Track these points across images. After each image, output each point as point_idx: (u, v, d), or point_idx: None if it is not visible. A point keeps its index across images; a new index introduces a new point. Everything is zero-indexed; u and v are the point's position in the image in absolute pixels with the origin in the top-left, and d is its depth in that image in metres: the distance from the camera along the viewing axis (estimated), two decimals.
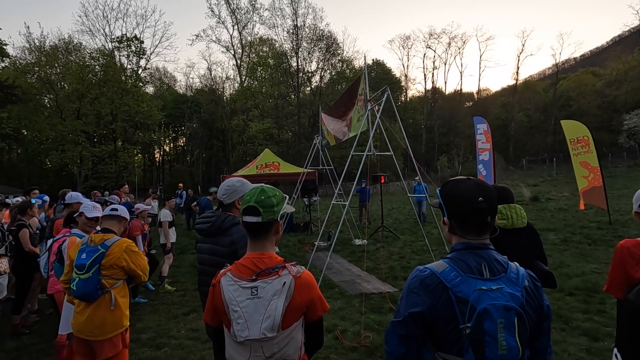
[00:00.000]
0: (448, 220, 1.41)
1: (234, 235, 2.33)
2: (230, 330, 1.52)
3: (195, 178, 41.82)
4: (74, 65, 33.92)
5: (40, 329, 5.36)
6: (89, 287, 2.73)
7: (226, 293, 1.51)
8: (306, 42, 40.25)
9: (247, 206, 1.62)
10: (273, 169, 13.93)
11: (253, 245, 1.66)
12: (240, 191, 2.40)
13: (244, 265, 1.59)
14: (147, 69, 42.07)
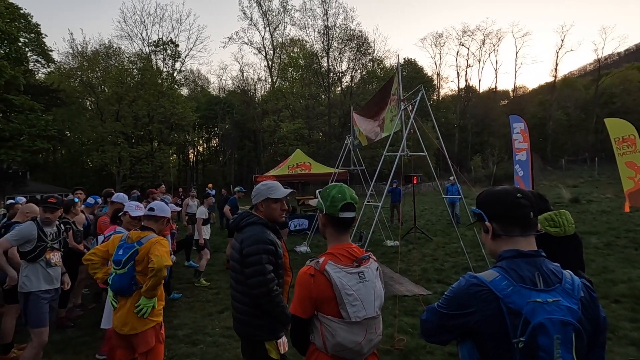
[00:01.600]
0: (489, 224, 1.35)
1: (245, 234, 2.38)
2: (343, 314, 1.67)
3: (228, 178, 42.59)
4: (113, 69, 35.36)
5: (83, 322, 5.59)
6: (124, 282, 2.88)
7: (337, 279, 1.67)
8: (337, 42, 40.26)
9: (346, 203, 1.82)
10: (304, 169, 14.00)
11: (340, 237, 1.87)
12: (263, 195, 2.47)
13: (341, 254, 1.78)
14: (182, 72, 43.34)
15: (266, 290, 2.24)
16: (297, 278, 1.79)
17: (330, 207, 1.84)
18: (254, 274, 2.25)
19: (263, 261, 2.26)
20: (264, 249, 2.29)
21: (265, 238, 2.32)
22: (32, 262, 3.62)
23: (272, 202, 2.47)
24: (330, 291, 1.67)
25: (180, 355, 4.35)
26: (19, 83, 25.07)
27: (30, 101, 25.53)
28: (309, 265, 1.78)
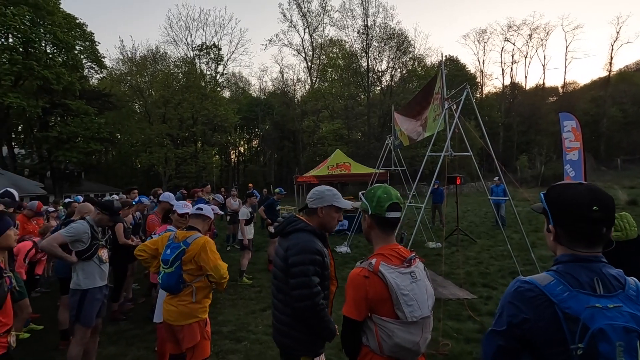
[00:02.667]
0: (553, 227, 1.28)
1: (291, 241, 2.23)
2: (399, 315, 1.67)
3: (268, 178, 43.28)
4: (160, 74, 36.89)
5: (134, 315, 5.87)
6: (172, 281, 2.97)
7: (391, 280, 1.66)
8: (376, 41, 39.89)
9: (392, 203, 1.82)
10: (344, 169, 13.99)
11: (386, 238, 1.87)
12: (327, 200, 2.29)
13: (391, 255, 1.78)
14: (224, 75, 44.48)
15: (311, 304, 2.10)
16: (349, 280, 1.75)
17: (376, 208, 1.83)
18: (298, 285, 2.12)
19: (310, 273, 2.12)
20: (311, 260, 2.14)
21: (313, 247, 2.17)
22: (87, 261, 3.80)
23: (335, 210, 2.32)
24: (386, 292, 1.66)
25: (225, 351, 4.46)
26: (75, 89, 26.71)
27: (85, 105, 27.12)
28: (360, 266, 1.75)
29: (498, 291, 6.32)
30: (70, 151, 26.28)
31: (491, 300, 5.86)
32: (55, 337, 4.93)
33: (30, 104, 24.34)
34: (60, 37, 26.13)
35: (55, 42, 26.81)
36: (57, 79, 24.77)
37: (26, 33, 24.09)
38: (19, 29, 23.69)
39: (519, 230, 9.57)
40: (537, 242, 9.69)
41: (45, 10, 25.58)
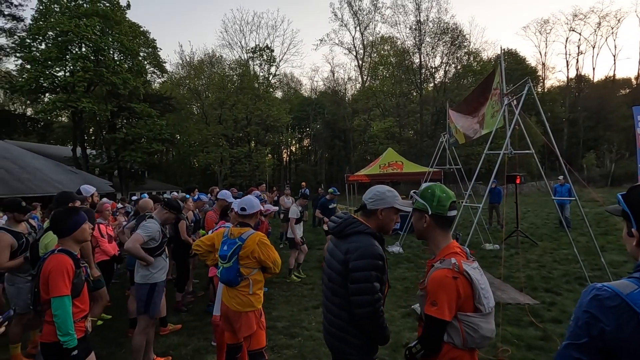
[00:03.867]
0: (637, 232, 1.19)
1: (351, 244, 2.13)
2: (480, 308, 1.77)
3: (319, 177, 43.64)
4: (216, 76, 38.36)
5: (194, 308, 6.17)
6: (231, 275, 3.13)
7: (473, 276, 1.76)
8: (429, 37, 38.84)
9: (453, 201, 1.89)
10: (396, 168, 13.79)
11: (447, 236, 1.94)
12: (388, 202, 2.19)
13: (460, 252, 1.87)
14: (277, 75, 45.33)
15: (372, 310, 2.03)
16: (436, 283, 1.77)
17: (438, 207, 1.87)
18: (360, 291, 2.04)
19: (372, 279, 2.03)
20: (373, 265, 2.05)
21: (376, 252, 2.08)
22: (159, 256, 4.07)
23: (394, 211, 2.21)
24: (470, 289, 1.75)
25: (280, 346, 4.57)
26: (140, 93, 28.43)
27: (148, 108, 28.77)
28: (442, 268, 1.79)
29: (563, 297, 5.96)
30: (135, 151, 27.98)
31: (555, 307, 5.54)
32: (124, 325, 5.30)
33: (100, 108, 26.22)
34: (126, 45, 27.92)
35: (122, 50, 28.67)
36: (123, 84, 26.48)
37: (97, 42, 25.96)
38: (91, 39, 25.57)
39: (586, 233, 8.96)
40: (606, 246, 9.03)
41: (114, 21, 27.44)
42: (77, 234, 2.66)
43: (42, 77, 25.69)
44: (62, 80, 26.25)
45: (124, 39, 27.75)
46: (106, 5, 27.75)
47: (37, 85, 25.79)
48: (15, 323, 4.28)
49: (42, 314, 2.53)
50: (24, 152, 24.21)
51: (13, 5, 32.42)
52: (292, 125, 46.77)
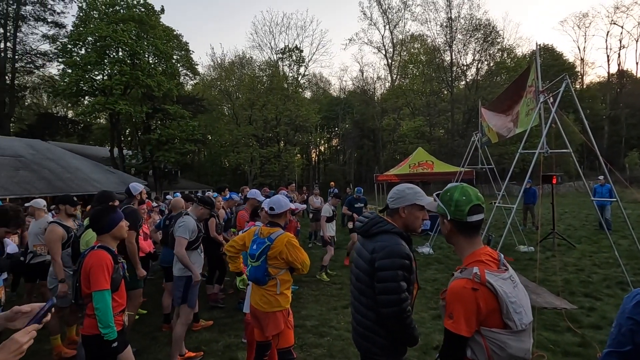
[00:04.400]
0: None
1: (377, 243, 2.14)
2: (509, 324, 1.55)
3: (348, 177, 43.57)
4: (246, 77, 38.93)
5: (225, 304, 6.28)
6: (259, 274, 3.16)
7: (499, 288, 1.54)
8: (461, 34, 38.07)
9: (473, 205, 1.68)
10: (427, 168, 13.58)
11: (474, 241, 1.73)
12: (409, 199, 2.18)
13: (488, 260, 1.66)
14: (306, 76, 45.55)
15: (398, 310, 2.02)
16: (453, 294, 1.62)
17: (455, 212, 1.70)
18: (386, 290, 2.04)
19: (398, 278, 2.03)
20: (400, 264, 2.05)
21: (402, 251, 2.07)
22: (195, 250, 4.21)
23: (418, 208, 2.18)
24: (495, 302, 1.55)
25: (309, 345, 4.60)
26: (173, 95, 29.22)
27: (181, 110, 29.52)
28: (462, 277, 1.61)
29: (603, 302, 5.71)
30: (168, 152, 28.79)
31: (594, 312, 5.32)
32: (158, 319, 5.48)
33: (136, 110, 27.14)
34: (160, 49, 28.77)
35: (156, 53, 29.55)
36: (158, 86, 27.31)
37: (133, 46, 26.88)
38: (127, 43, 26.50)
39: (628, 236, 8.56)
40: None
41: (149, 25, 28.33)
42: (115, 231, 2.78)
43: (82, 80, 26.85)
44: (100, 83, 27.34)
45: (158, 43, 28.61)
46: (141, 11, 28.68)
47: (77, 88, 27.00)
48: (54, 315, 4.51)
49: (84, 308, 2.65)
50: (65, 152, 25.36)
51: (56, 13, 34.09)
52: (321, 125, 46.91)
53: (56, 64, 34.11)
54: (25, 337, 1.33)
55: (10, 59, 32.78)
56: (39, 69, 35.74)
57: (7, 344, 1.30)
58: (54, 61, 33.88)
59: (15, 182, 17.53)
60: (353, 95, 48.09)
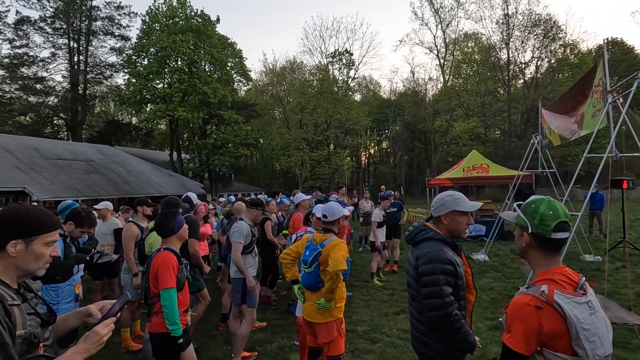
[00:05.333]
0: None
1: (421, 250, 2.24)
2: (579, 352, 1.45)
3: (398, 180, 42.95)
4: (297, 82, 39.66)
5: (278, 306, 6.43)
6: (312, 280, 3.19)
7: (569, 312, 1.45)
8: (519, 30, 36.34)
9: (560, 222, 1.58)
10: (481, 171, 13.12)
11: (551, 259, 1.64)
12: (448, 206, 2.26)
13: (562, 280, 1.55)
14: (355, 79, 45.58)
15: (444, 314, 2.08)
16: (513, 309, 1.55)
17: (539, 227, 1.61)
18: (430, 295, 2.12)
19: (440, 282, 2.11)
20: (441, 269, 2.12)
21: (443, 257, 2.14)
22: (249, 254, 4.37)
23: (459, 214, 2.26)
24: (563, 326, 1.45)
25: (360, 351, 4.60)
26: (228, 101, 30.38)
27: (235, 115, 30.60)
28: (527, 294, 1.54)
29: None
30: (223, 155, 29.91)
31: None
32: (216, 318, 5.71)
33: (193, 115, 28.52)
34: (216, 57, 30.03)
35: (212, 61, 30.88)
36: (213, 93, 28.52)
37: (191, 56, 28.29)
38: (186, 53, 27.95)
39: None
40: None
41: (205, 35, 29.68)
42: (179, 234, 2.96)
43: (145, 89, 28.63)
44: (161, 91, 29.00)
45: (214, 51, 29.89)
46: (199, 21, 30.08)
47: (140, 97, 28.85)
48: (125, 309, 4.85)
49: (152, 307, 2.84)
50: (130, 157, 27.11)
51: (122, 27, 36.67)
52: (371, 128, 46.67)
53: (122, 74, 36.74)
54: (105, 329, 1.46)
55: (83, 71, 35.64)
56: (107, 79, 38.64)
57: (90, 335, 1.43)
58: (120, 72, 36.53)
59: (86, 185, 19.00)
60: (404, 97, 47.42)
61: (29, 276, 1.43)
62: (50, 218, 1.45)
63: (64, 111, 36.09)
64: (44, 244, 1.40)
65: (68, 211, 3.79)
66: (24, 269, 1.38)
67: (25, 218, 1.37)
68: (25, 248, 1.35)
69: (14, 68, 33.44)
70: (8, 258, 1.34)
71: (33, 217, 1.39)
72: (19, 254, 1.34)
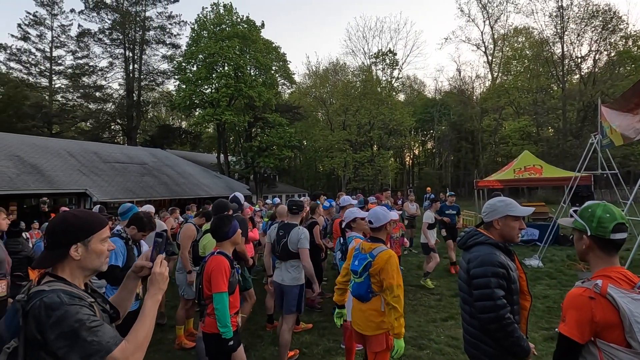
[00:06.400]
0: None
1: (472, 254, 2.29)
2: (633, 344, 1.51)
3: (444, 181, 41.93)
4: (340, 83, 39.70)
5: (324, 309, 6.46)
6: (362, 290, 3.09)
7: (623, 305, 1.52)
8: (574, 23, 34.39)
9: (617, 223, 1.68)
10: (534, 172, 12.52)
11: (610, 260, 1.72)
12: (500, 212, 2.29)
13: (618, 278, 1.63)
14: (399, 79, 45.00)
15: (495, 317, 2.09)
16: (568, 300, 1.67)
17: (598, 229, 1.70)
18: (481, 297, 2.16)
19: (492, 285, 2.13)
20: (493, 272, 2.15)
21: (494, 260, 2.17)
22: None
23: (512, 219, 2.28)
24: (616, 317, 1.52)
25: (408, 357, 4.53)
26: (272, 104, 30.95)
27: (279, 118, 31.10)
28: (581, 287, 1.65)
29: None
30: (268, 158, 30.49)
31: None
32: (262, 318, 5.83)
33: (239, 119, 29.30)
34: (261, 61, 30.70)
35: (257, 65, 31.59)
36: (258, 96, 29.15)
37: (237, 61, 29.09)
38: (232, 58, 28.77)
39: None
40: None
41: (250, 40, 30.42)
42: (233, 239, 3.06)
43: (194, 94, 29.75)
44: (209, 96, 30.02)
45: (259, 56, 30.57)
46: (244, 27, 30.88)
47: (190, 102, 30.00)
48: (181, 307, 5.08)
49: (206, 307, 2.96)
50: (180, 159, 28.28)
51: (173, 36, 38.43)
52: (415, 128, 45.87)
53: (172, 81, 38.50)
54: (161, 267, 1.60)
55: (137, 79, 37.68)
56: (159, 86, 40.69)
57: (153, 279, 1.57)
58: (171, 78, 38.25)
59: (140, 187, 20.02)
60: (449, 96, 46.27)
61: (94, 273, 1.55)
62: (97, 217, 1.57)
63: (120, 117, 38.32)
64: (100, 241, 1.52)
65: (129, 214, 4.03)
66: (89, 267, 1.50)
67: (77, 223, 1.48)
68: (86, 249, 1.47)
69: (76, 78, 36.08)
70: (73, 262, 1.45)
71: (83, 220, 1.50)
72: (82, 255, 1.46)
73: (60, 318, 1.28)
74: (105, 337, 1.34)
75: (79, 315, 1.31)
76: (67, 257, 1.44)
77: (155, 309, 1.54)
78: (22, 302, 1.33)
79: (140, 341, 1.43)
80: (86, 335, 1.29)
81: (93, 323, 1.33)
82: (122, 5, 36.20)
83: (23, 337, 1.30)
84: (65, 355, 1.28)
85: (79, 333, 1.29)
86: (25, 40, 34.46)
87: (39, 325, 1.29)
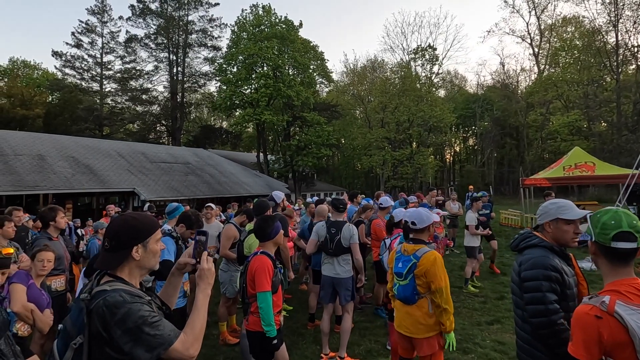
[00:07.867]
0: None
1: (524, 256, 2.24)
2: None
3: (487, 178, 40.60)
4: (378, 81, 39.35)
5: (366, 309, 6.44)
6: (407, 292, 3.05)
7: (633, 323, 1.44)
8: (630, 9, 32.18)
9: (620, 232, 1.58)
10: (586, 170, 11.87)
11: (618, 270, 1.62)
12: (551, 214, 2.24)
13: (628, 292, 1.53)
14: (439, 74, 43.98)
15: (547, 321, 2.03)
16: (575, 319, 1.58)
17: (599, 235, 1.63)
18: (532, 300, 2.11)
19: (543, 289, 2.07)
20: (545, 275, 2.09)
21: (546, 263, 2.11)
22: None
23: (564, 223, 2.21)
24: (625, 336, 1.43)
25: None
26: (310, 103, 31.17)
27: (317, 116, 31.28)
28: (588, 304, 1.55)
29: None
30: (306, 156, 30.73)
31: None
32: (303, 317, 5.90)
33: (278, 118, 29.72)
34: (299, 60, 30.98)
35: (295, 65, 31.92)
36: (297, 96, 29.45)
37: (275, 61, 29.49)
38: (271, 58, 29.20)
39: None
40: None
41: (289, 40, 30.76)
42: (275, 239, 3.11)
43: (234, 95, 30.47)
44: (248, 97, 30.66)
45: (297, 56, 30.87)
46: (282, 27, 31.25)
47: (230, 102, 30.78)
48: (222, 305, 5.22)
49: (249, 306, 3.03)
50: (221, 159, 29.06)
51: (214, 38, 39.56)
52: (456, 125, 44.71)
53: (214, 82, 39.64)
54: (208, 263, 1.68)
55: (180, 81, 39.09)
56: (201, 87, 42.04)
57: (201, 274, 1.65)
58: (212, 80, 39.41)
59: (185, 186, 20.75)
60: (492, 91, 44.70)
61: (148, 272, 1.66)
62: (152, 220, 1.67)
63: (165, 118, 39.92)
64: (155, 242, 1.62)
65: (177, 213, 4.19)
66: (146, 266, 1.61)
67: (137, 225, 1.58)
68: (145, 250, 1.57)
69: (125, 81, 37.94)
70: (133, 262, 1.55)
71: (141, 222, 1.60)
72: (142, 256, 1.56)
73: (124, 316, 1.38)
74: (166, 330, 1.43)
75: (141, 312, 1.41)
76: (128, 257, 1.54)
77: (207, 302, 1.62)
78: (85, 301, 1.42)
79: (197, 333, 1.53)
80: (149, 330, 1.39)
81: (154, 319, 1.42)
82: (166, 10, 37.66)
83: (87, 333, 1.39)
84: (132, 349, 1.38)
85: (143, 328, 1.38)
86: (78, 47, 36.64)
87: (103, 323, 1.38)
